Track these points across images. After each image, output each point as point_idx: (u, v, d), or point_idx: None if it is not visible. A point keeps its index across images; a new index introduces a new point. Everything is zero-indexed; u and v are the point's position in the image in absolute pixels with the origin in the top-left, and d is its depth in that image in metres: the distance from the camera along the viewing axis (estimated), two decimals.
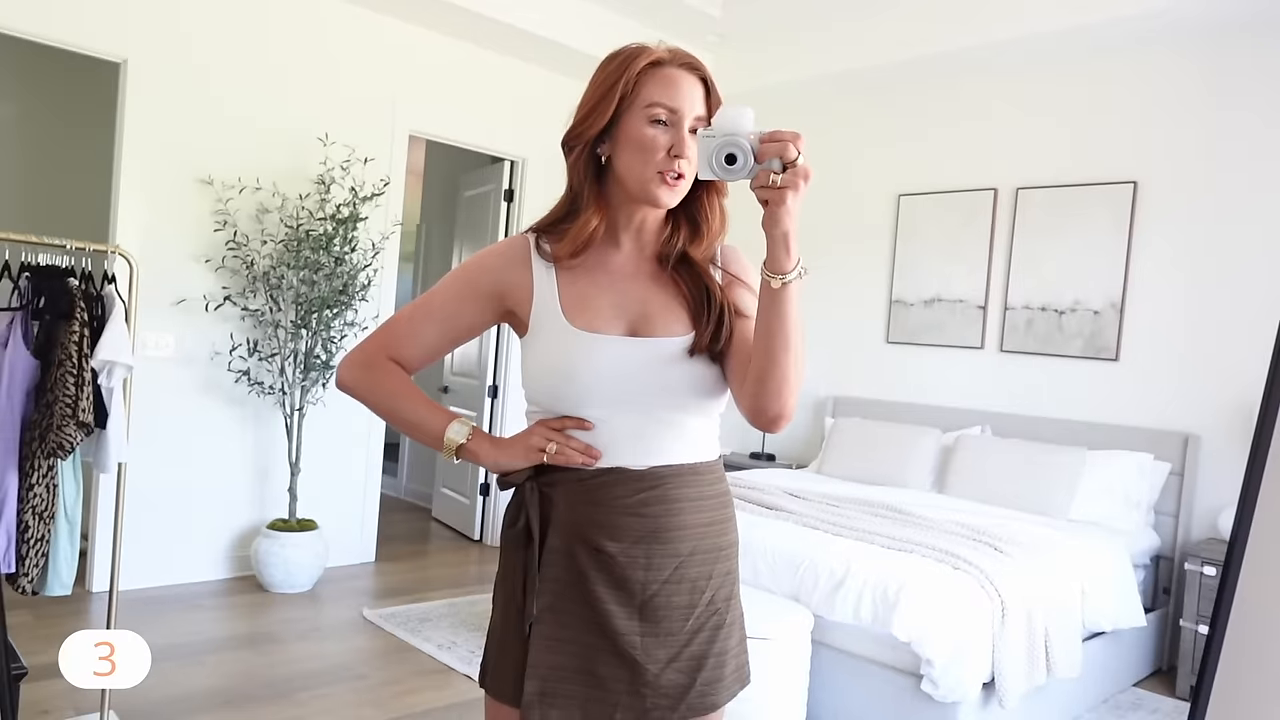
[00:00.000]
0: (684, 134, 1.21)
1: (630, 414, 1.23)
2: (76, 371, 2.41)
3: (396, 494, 6.55)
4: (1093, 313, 4.10)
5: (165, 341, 3.96)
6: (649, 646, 1.23)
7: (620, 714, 1.23)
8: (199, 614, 3.73)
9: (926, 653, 2.59)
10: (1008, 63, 4.38)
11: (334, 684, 3.11)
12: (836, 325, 5.07)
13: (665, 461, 1.24)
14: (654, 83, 1.21)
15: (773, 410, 1.18)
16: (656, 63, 1.23)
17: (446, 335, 1.33)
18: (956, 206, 4.60)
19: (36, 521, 2.43)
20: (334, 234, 4.07)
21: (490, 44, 4.83)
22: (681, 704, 1.24)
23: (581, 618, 1.23)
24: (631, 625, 1.23)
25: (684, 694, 1.24)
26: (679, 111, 1.21)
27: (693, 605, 1.25)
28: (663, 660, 1.23)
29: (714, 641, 1.26)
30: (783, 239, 1.09)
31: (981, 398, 4.48)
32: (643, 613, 1.23)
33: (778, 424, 1.21)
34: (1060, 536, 3.33)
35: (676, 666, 1.24)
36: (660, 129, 1.21)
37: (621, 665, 1.22)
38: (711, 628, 1.26)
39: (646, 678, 1.22)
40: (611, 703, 1.23)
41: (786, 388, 1.17)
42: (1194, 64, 3.87)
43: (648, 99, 1.21)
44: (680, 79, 1.22)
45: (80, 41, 3.70)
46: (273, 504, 4.32)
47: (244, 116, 4.12)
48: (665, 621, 1.23)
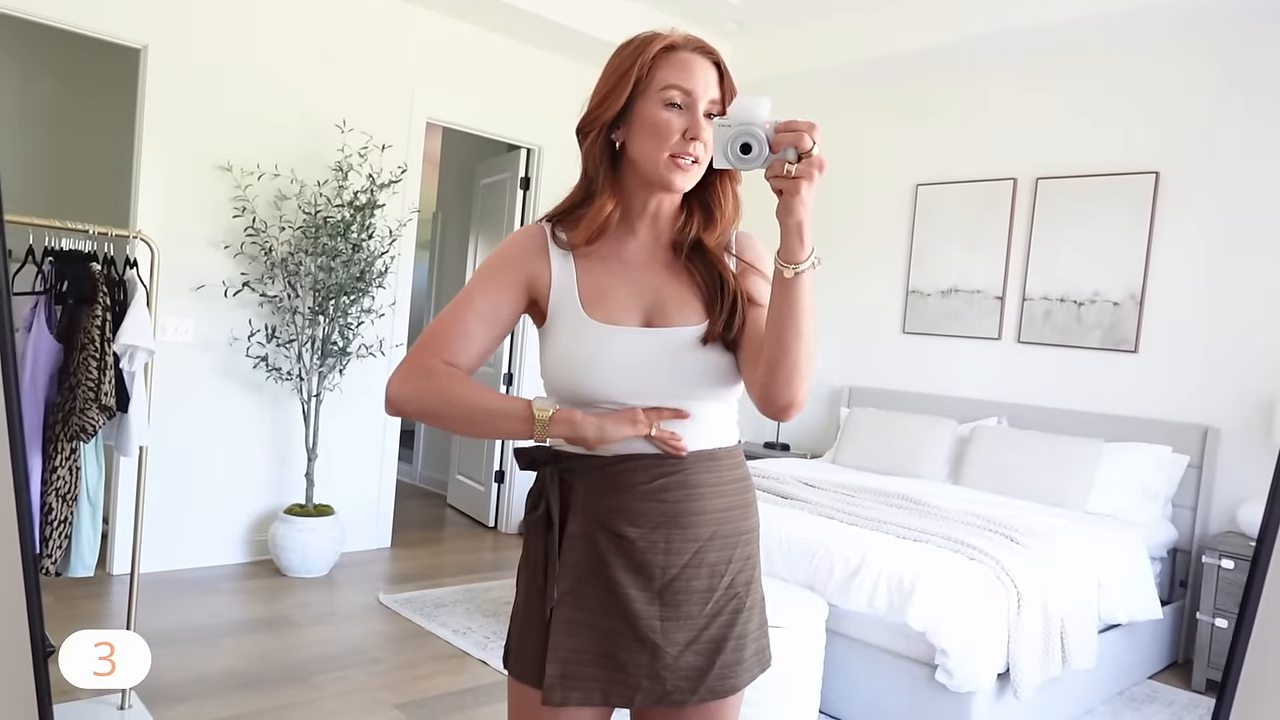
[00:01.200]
0: (699, 116, 1.22)
1: (648, 401, 1.24)
2: (99, 355, 2.44)
3: (412, 480, 6.58)
4: (1112, 304, 4.07)
5: (185, 327, 3.99)
6: (668, 630, 1.24)
7: (640, 696, 1.24)
8: (217, 597, 3.77)
9: (941, 643, 2.59)
10: (1029, 51, 4.33)
11: (349, 668, 3.14)
12: (853, 315, 5.06)
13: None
14: (668, 66, 1.22)
15: (784, 399, 1.19)
16: (670, 47, 1.23)
17: (492, 331, 1.29)
18: (975, 196, 4.57)
19: (60, 503, 2.46)
20: (351, 221, 4.09)
21: (508, 31, 4.82)
22: (701, 686, 1.25)
23: (602, 602, 1.24)
24: (651, 609, 1.24)
25: (703, 676, 1.25)
26: (694, 94, 1.21)
27: (712, 589, 1.26)
28: (681, 643, 1.24)
29: (733, 625, 1.28)
30: (797, 229, 1.09)
31: (998, 389, 4.46)
32: (662, 597, 1.24)
33: (788, 412, 1.21)
34: (1077, 528, 3.31)
35: (695, 649, 1.25)
36: (675, 112, 1.21)
37: (642, 649, 1.24)
38: (731, 611, 1.28)
39: (665, 660, 1.24)
40: (631, 685, 1.24)
41: (798, 376, 1.17)
42: (1217, 53, 3.82)
43: (663, 81, 1.21)
44: (694, 63, 1.23)
45: (101, 27, 3.72)
46: (290, 489, 4.36)
47: (263, 103, 4.13)
48: (685, 605, 1.25)
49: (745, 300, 1.27)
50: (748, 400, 1.29)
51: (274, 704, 2.81)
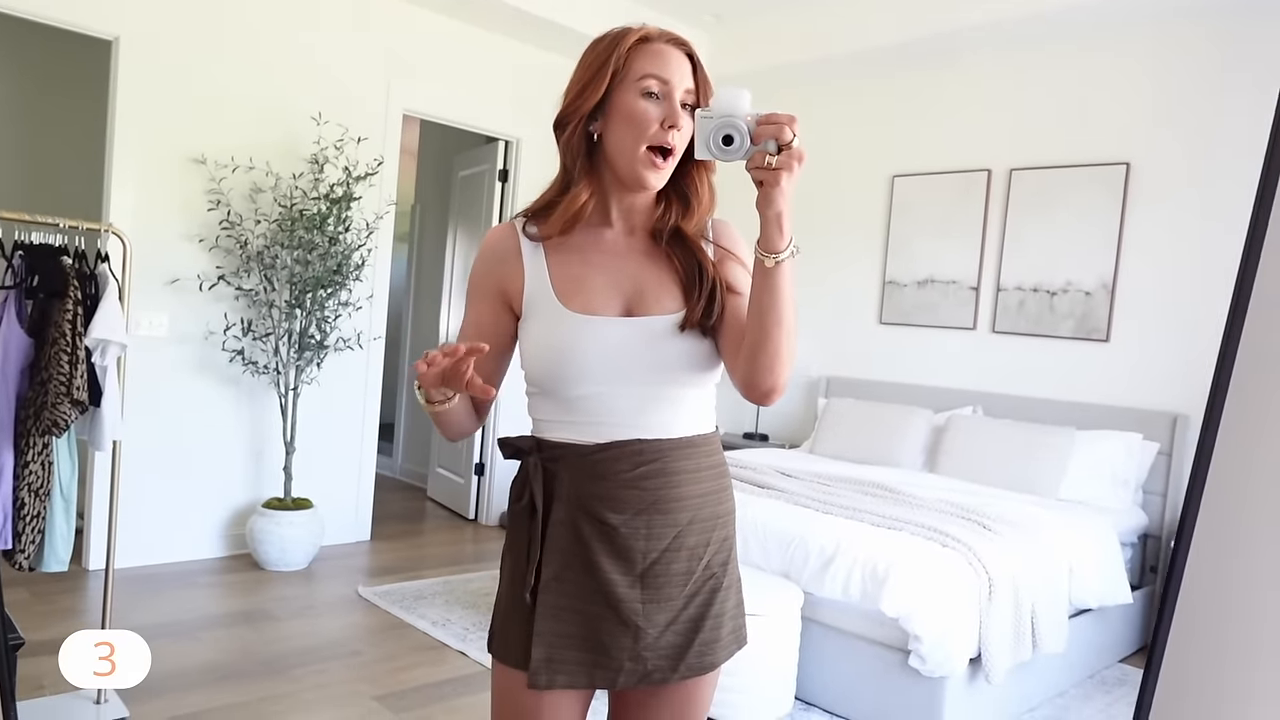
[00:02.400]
0: (676, 105, 1.24)
1: (628, 390, 1.26)
2: (70, 350, 2.42)
3: (392, 474, 6.57)
4: (1084, 294, 4.12)
5: (159, 321, 3.96)
6: (650, 612, 1.27)
7: (623, 678, 1.27)
8: (195, 591, 3.76)
9: (914, 629, 2.62)
10: (1002, 43, 4.37)
11: (329, 660, 3.14)
12: (830, 306, 5.09)
13: (663, 435, 1.27)
14: (644, 57, 1.24)
15: (765, 384, 1.21)
16: (645, 39, 1.26)
17: (495, 348, 1.33)
18: (950, 187, 4.61)
19: (32, 498, 2.45)
20: (328, 214, 4.07)
21: (485, 23, 4.81)
22: (680, 664, 1.28)
23: (585, 587, 1.27)
24: (633, 593, 1.26)
25: (682, 654, 1.28)
26: (670, 83, 1.23)
27: (690, 571, 1.29)
28: (662, 624, 1.27)
29: (710, 604, 1.31)
30: (776, 219, 1.12)
31: (973, 378, 4.50)
32: (644, 580, 1.27)
33: (770, 398, 1.24)
34: (1049, 515, 3.36)
35: (675, 629, 1.28)
36: (652, 101, 1.23)
37: (624, 631, 1.26)
38: (708, 591, 1.31)
39: (646, 641, 1.27)
40: (615, 667, 1.27)
41: (779, 362, 1.20)
42: (1188, 45, 3.87)
43: (639, 72, 1.23)
44: (669, 53, 1.25)
45: (73, 19, 3.68)
46: (268, 483, 4.35)
47: (237, 96, 4.10)
48: (665, 588, 1.28)
49: (724, 287, 1.29)
50: (725, 391, 1.31)
51: (252, 697, 2.81)
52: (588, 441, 1.27)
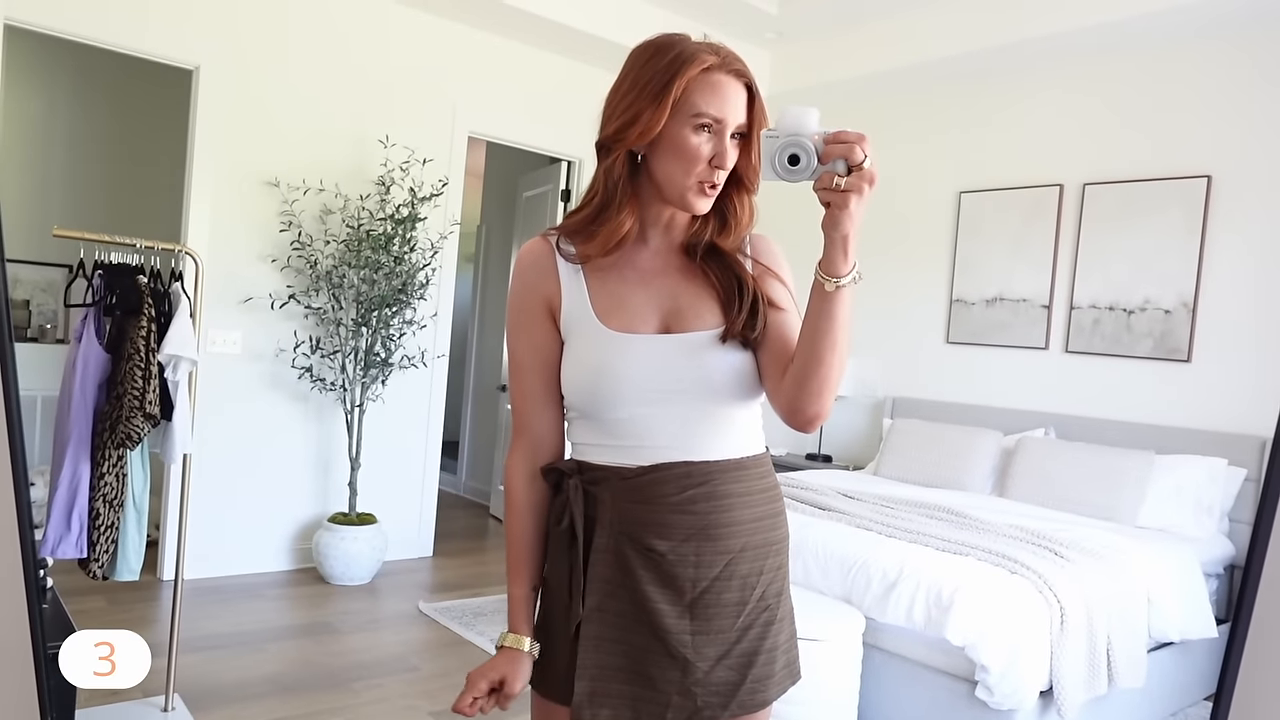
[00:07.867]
0: (726, 144, 1.19)
1: (672, 409, 1.22)
2: (144, 365, 2.51)
3: (456, 490, 6.64)
4: (1163, 312, 3.96)
5: (233, 338, 4.09)
6: (699, 644, 1.21)
7: (671, 713, 1.22)
8: (261, 603, 3.84)
9: (981, 658, 2.53)
10: (1074, 54, 4.25)
11: (387, 675, 3.17)
12: (896, 325, 4.99)
13: (711, 456, 1.23)
14: (704, 90, 1.18)
15: (811, 410, 1.17)
16: (706, 69, 1.19)
17: (546, 373, 1.29)
18: (1020, 203, 4.49)
19: (106, 509, 2.53)
20: (393, 234, 4.16)
21: (548, 45, 4.87)
22: (733, 701, 1.22)
23: (630, 617, 1.22)
24: (682, 624, 1.21)
25: (735, 691, 1.23)
26: (724, 121, 1.19)
27: (743, 602, 1.23)
28: (713, 658, 1.22)
29: (765, 638, 1.25)
30: (841, 242, 1.07)
31: (1045, 399, 4.36)
32: (693, 611, 1.22)
33: (813, 425, 1.19)
34: (1125, 542, 3.21)
35: (727, 664, 1.22)
36: (705, 136, 1.19)
37: (672, 664, 1.21)
38: (762, 624, 1.25)
39: (697, 675, 1.21)
40: (663, 702, 1.21)
41: (827, 389, 1.15)
42: (1270, 53, 3.70)
43: (695, 107, 1.18)
44: (728, 87, 1.19)
45: (157, 50, 3.85)
46: (334, 498, 4.43)
47: (308, 121, 4.23)
48: (716, 619, 1.22)
49: (765, 302, 1.25)
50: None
51: (312, 709, 2.85)
52: (631, 464, 1.23)
